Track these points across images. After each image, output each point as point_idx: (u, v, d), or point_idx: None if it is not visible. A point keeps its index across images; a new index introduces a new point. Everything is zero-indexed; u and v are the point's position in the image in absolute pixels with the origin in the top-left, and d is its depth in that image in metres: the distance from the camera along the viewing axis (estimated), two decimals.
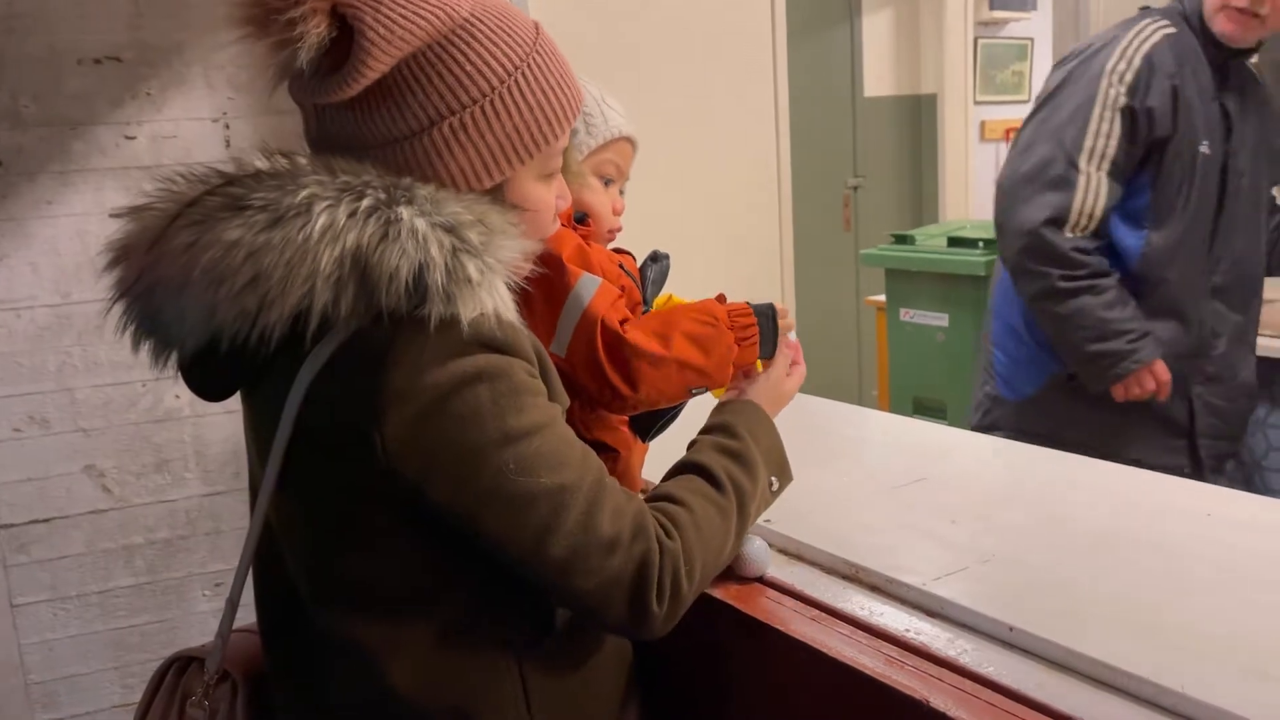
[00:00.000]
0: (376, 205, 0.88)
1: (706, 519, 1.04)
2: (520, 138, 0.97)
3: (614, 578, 0.94)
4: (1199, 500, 1.41)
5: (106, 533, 2.14)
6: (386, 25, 0.89)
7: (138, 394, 2.09)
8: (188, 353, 0.97)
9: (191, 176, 0.97)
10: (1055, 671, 1.01)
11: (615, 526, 0.95)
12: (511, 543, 0.93)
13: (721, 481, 1.08)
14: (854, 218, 5.14)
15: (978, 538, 1.32)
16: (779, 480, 1.19)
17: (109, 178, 2.00)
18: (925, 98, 5.25)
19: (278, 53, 0.89)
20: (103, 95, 1.99)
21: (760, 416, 1.20)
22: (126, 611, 2.17)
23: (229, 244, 0.87)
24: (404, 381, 0.89)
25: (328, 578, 1.00)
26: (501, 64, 0.95)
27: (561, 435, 0.96)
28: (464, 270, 0.89)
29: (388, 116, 0.92)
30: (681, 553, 0.98)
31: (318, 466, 0.95)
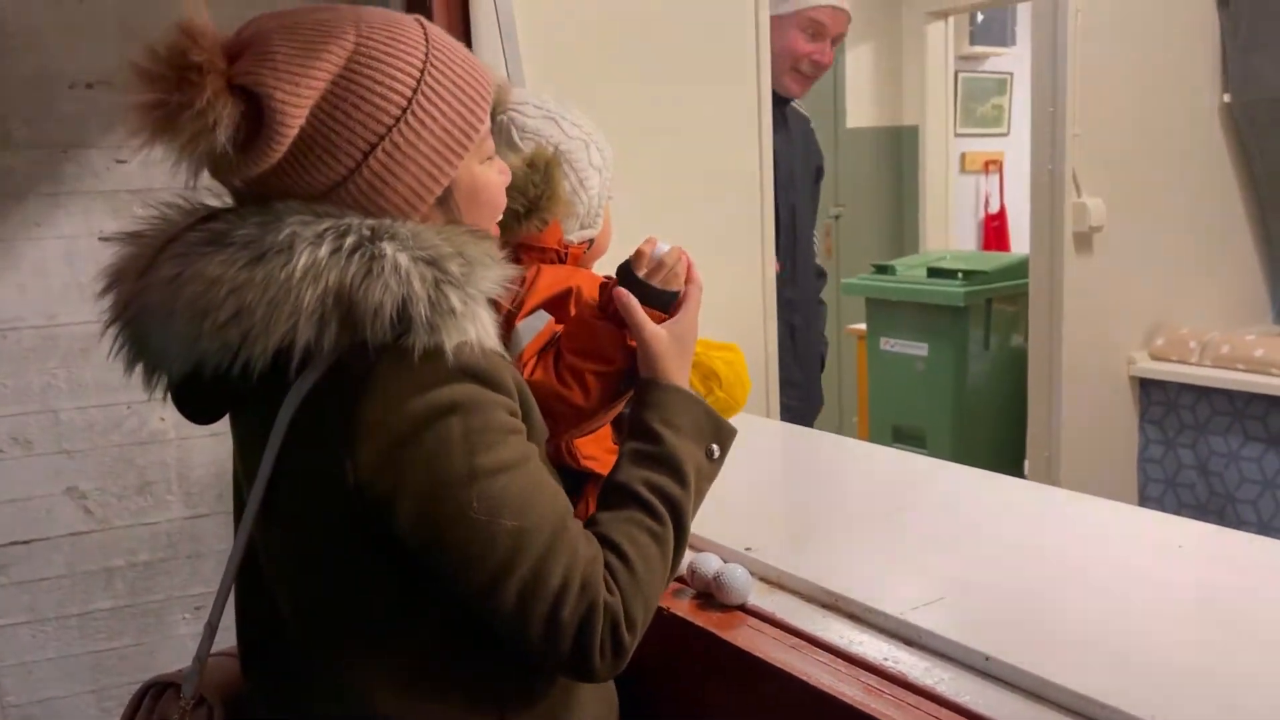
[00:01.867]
0: (360, 243, 0.90)
1: (644, 561, 1.01)
2: (451, 133, 0.97)
3: (559, 628, 0.94)
4: (1171, 532, 1.44)
5: (87, 555, 2.13)
6: (290, 81, 0.90)
7: (122, 416, 2.09)
8: (175, 378, 0.99)
9: (185, 206, 0.99)
10: (1030, 701, 1.03)
11: (565, 577, 0.94)
12: (466, 578, 0.94)
13: (653, 505, 1.04)
14: (835, 246, 5.19)
15: (955, 567, 1.34)
16: (719, 445, 1.12)
17: (99, 201, 2.01)
18: (907, 129, 5.31)
19: (194, 144, 0.88)
20: (94, 119, 2.00)
21: (670, 397, 1.12)
22: (106, 634, 2.16)
23: (211, 279, 0.89)
24: (380, 410, 0.91)
25: (310, 603, 1.01)
26: (407, 71, 0.94)
27: (531, 477, 0.96)
28: (447, 301, 0.90)
29: (321, 164, 0.93)
30: (622, 608, 0.96)
31: (300, 494, 0.97)
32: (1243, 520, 2.72)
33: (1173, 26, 2.84)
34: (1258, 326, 3.05)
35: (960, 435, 3.48)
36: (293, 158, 0.92)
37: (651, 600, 1.01)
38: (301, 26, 0.93)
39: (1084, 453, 2.81)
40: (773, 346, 2.44)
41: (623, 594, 0.97)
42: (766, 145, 2.36)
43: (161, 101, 0.87)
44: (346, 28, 0.94)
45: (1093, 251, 2.75)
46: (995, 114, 5.69)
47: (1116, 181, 2.73)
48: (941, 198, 5.37)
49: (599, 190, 1.40)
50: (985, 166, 5.64)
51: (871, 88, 5.20)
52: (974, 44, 5.41)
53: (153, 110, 0.87)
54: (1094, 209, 2.68)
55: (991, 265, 3.45)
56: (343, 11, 0.96)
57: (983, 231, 5.69)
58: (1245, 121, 2.94)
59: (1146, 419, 2.94)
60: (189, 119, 0.86)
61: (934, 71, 5.23)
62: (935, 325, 3.48)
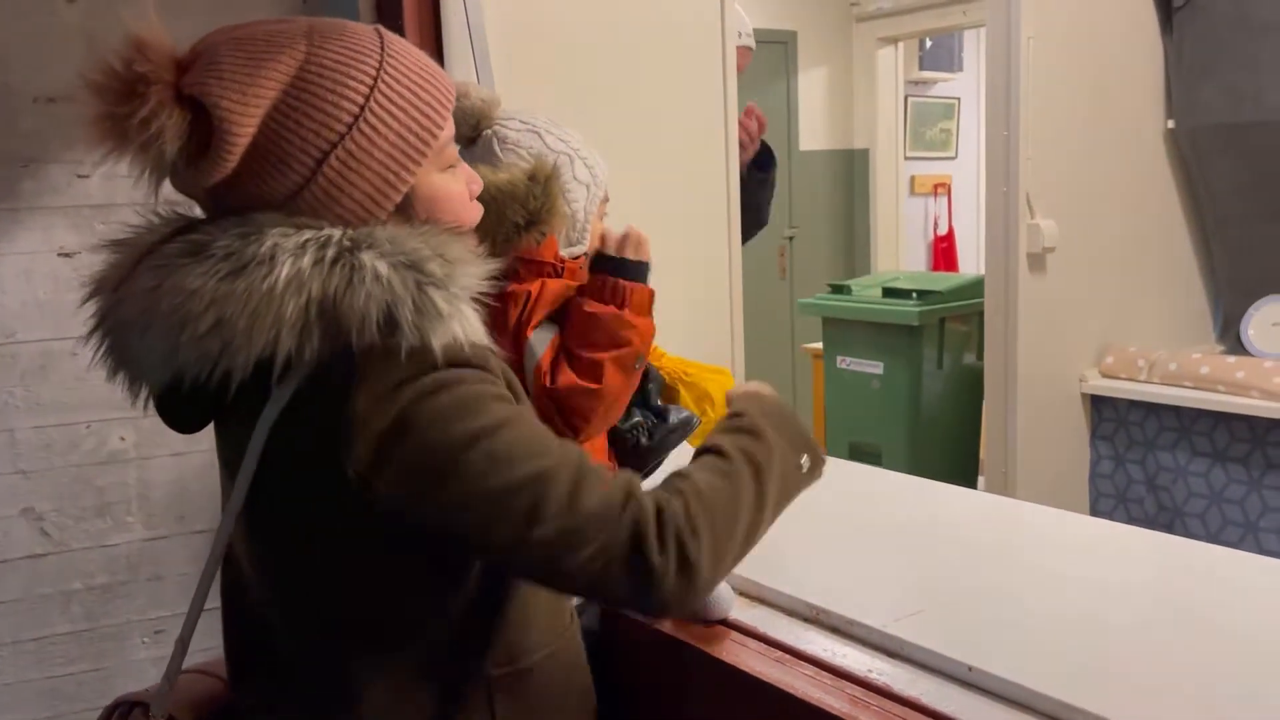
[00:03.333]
0: (340, 254, 0.90)
1: (711, 487, 0.98)
2: (406, 141, 0.97)
3: (607, 544, 0.91)
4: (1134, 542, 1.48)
5: (44, 578, 2.07)
6: (237, 91, 0.90)
7: (81, 435, 2.05)
8: (156, 388, 0.99)
9: (168, 216, 0.99)
10: (1014, 710, 1.05)
11: (604, 501, 0.92)
12: (498, 537, 0.92)
13: (726, 450, 1.03)
14: (789, 267, 5.25)
15: (934, 579, 1.36)
16: (810, 458, 1.12)
17: (59, 216, 1.97)
18: (858, 152, 5.41)
19: (145, 155, 0.89)
20: (55, 134, 1.96)
21: (769, 399, 1.16)
22: (63, 660, 2.10)
23: (190, 291, 0.89)
24: (368, 404, 0.91)
25: (303, 609, 1.01)
26: (360, 80, 0.95)
27: (530, 427, 0.96)
28: (433, 304, 0.91)
29: (275, 174, 0.93)
30: (684, 511, 0.93)
31: (290, 500, 0.97)
32: (1191, 533, 2.79)
33: (1120, 53, 2.93)
34: (1203, 345, 3.14)
35: (915, 452, 3.54)
36: (247, 168, 0.92)
37: (719, 521, 0.96)
38: (252, 38, 0.94)
39: (1038, 469, 2.86)
40: (740, 359, 2.46)
41: (686, 499, 0.94)
42: (733, 154, 2.39)
43: (109, 113, 0.88)
44: (298, 39, 0.95)
45: (1046, 272, 2.81)
46: (944, 138, 5.81)
47: (1068, 204, 2.80)
48: (892, 219, 5.47)
49: (584, 205, 1.40)
50: (934, 189, 5.76)
51: (824, 112, 5.29)
52: (923, 69, 5.54)
53: (102, 122, 0.88)
54: (1047, 230, 2.75)
55: (945, 285, 3.52)
56: (296, 23, 0.97)
57: (932, 252, 5.81)
58: (1189, 147, 3.04)
59: (1097, 435, 3.00)
60: (135, 129, 0.87)
61: (884, 96, 5.34)
62: (890, 344, 3.54)
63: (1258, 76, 2.83)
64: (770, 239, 5.12)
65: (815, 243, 5.33)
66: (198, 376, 0.90)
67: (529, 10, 2.04)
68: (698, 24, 2.31)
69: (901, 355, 3.52)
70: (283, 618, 1.02)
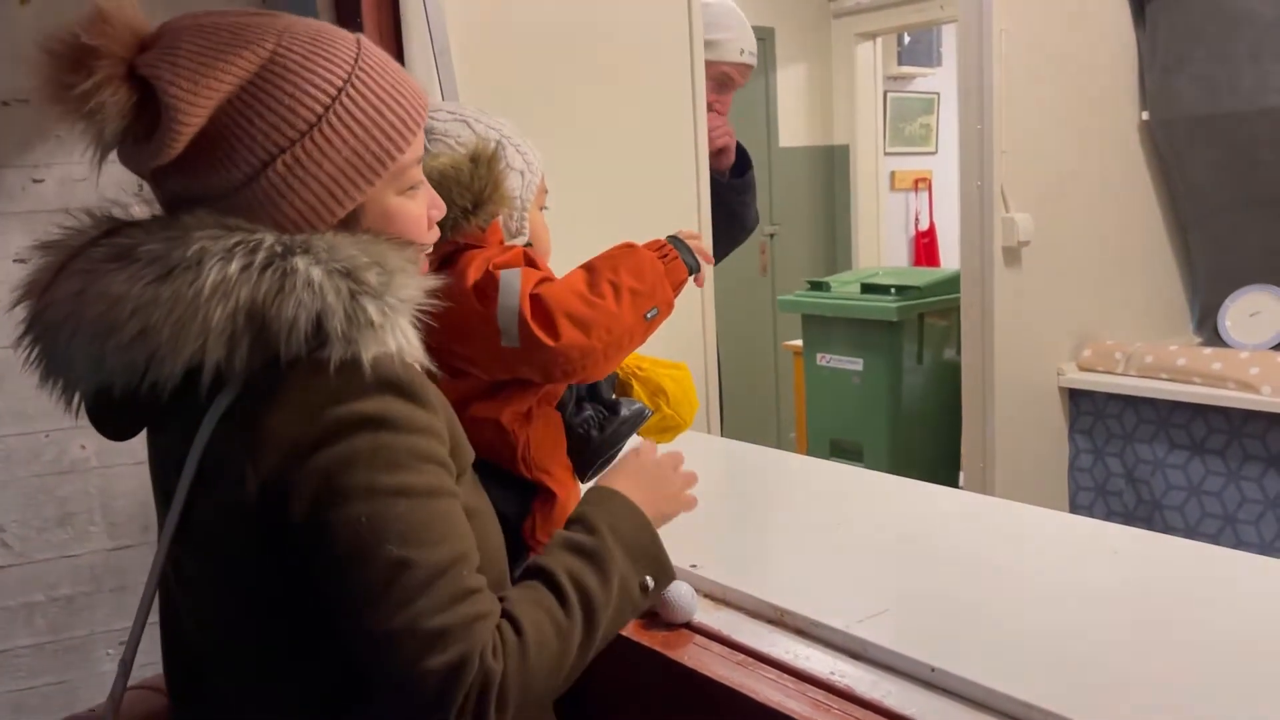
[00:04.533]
0: (271, 259, 0.88)
1: (540, 646, 0.93)
2: (361, 159, 0.94)
3: (422, 675, 0.85)
4: (1106, 538, 1.47)
5: (6, 590, 2.04)
6: (189, 78, 0.87)
7: (41, 445, 2.02)
8: (87, 395, 0.96)
9: (96, 215, 0.96)
10: (976, 711, 1.04)
11: (443, 621, 0.87)
12: (337, 601, 0.89)
13: (566, 593, 0.98)
14: (770, 264, 5.24)
15: (900, 579, 1.35)
16: (655, 579, 1.08)
17: (15, 221, 1.94)
18: (838, 148, 5.39)
19: (85, 127, 0.87)
20: (9, 138, 1.93)
21: (623, 506, 1.10)
22: (26, 673, 2.07)
23: (115, 297, 0.87)
24: (288, 421, 0.88)
25: (220, 633, 0.98)
26: (322, 89, 0.92)
27: (431, 509, 0.90)
28: (365, 314, 0.88)
29: (219, 167, 0.90)
30: (499, 678, 0.88)
31: (209, 517, 0.93)
32: (1170, 526, 2.79)
33: (1092, 46, 2.92)
34: (1179, 337, 3.14)
35: (896, 448, 3.53)
36: (191, 156, 0.89)
37: (534, 686, 0.92)
38: (219, 27, 0.91)
39: (1017, 463, 2.85)
40: (713, 364, 2.44)
41: (505, 665, 0.89)
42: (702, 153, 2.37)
43: (55, 79, 0.85)
44: (267, 35, 0.92)
45: (1021, 266, 2.80)
46: (923, 133, 5.81)
47: (1043, 197, 2.79)
48: (873, 215, 5.46)
49: (521, 192, 1.37)
50: (915, 184, 5.75)
51: (803, 108, 5.27)
52: (902, 64, 5.52)
53: (47, 87, 0.86)
54: (1022, 224, 2.74)
55: (923, 280, 3.51)
56: (272, 19, 0.94)
57: (914, 248, 5.80)
58: (1163, 139, 3.03)
59: (1076, 429, 3.00)
60: (75, 100, 0.85)
61: (864, 92, 5.33)
62: (870, 340, 3.52)
63: (1231, 67, 2.82)
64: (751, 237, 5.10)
65: (797, 240, 5.31)
66: (127, 385, 0.87)
67: (490, 8, 2.01)
68: (663, 24, 2.29)
69: (881, 351, 3.51)
70: (200, 638, 1.00)
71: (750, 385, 4.94)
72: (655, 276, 1.29)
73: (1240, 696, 1.02)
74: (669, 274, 1.31)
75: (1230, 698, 1.02)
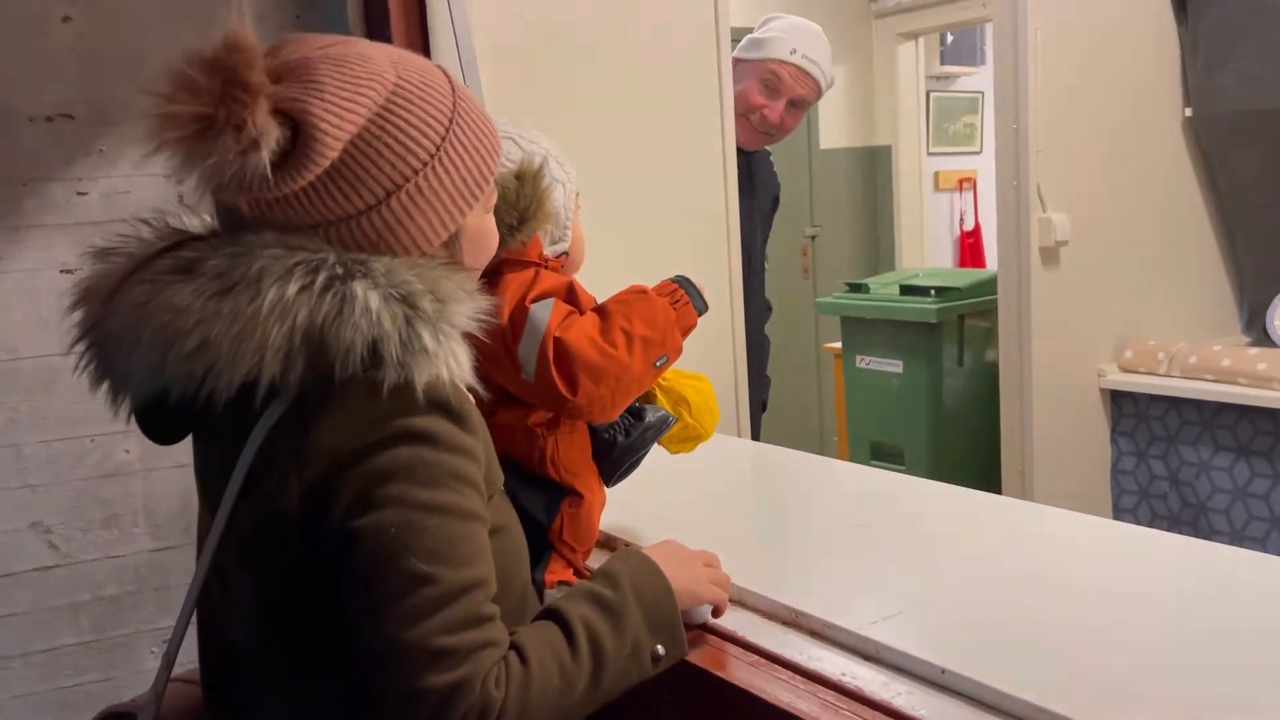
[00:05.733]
0: (331, 281, 0.89)
1: (543, 683, 0.93)
2: (467, 185, 0.98)
3: (422, 692, 0.87)
4: (1136, 544, 1.45)
5: (53, 590, 2.10)
6: (335, 113, 0.90)
7: (86, 449, 2.08)
8: (138, 401, 0.99)
9: (158, 225, 1.00)
10: (986, 713, 1.03)
11: (451, 643, 0.88)
12: (356, 600, 0.91)
13: (578, 639, 0.98)
14: (812, 266, 5.21)
15: (915, 581, 1.34)
16: (666, 649, 1.06)
17: (60, 234, 2.00)
18: (880, 149, 5.36)
19: (225, 163, 0.87)
20: (55, 152, 2.00)
21: (650, 571, 1.10)
22: (72, 670, 2.13)
23: (178, 309, 0.89)
24: (337, 434, 0.90)
25: (260, 637, 1.01)
26: (438, 120, 0.96)
27: (460, 531, 0.92)
28: (420, 340, 0.90)
29: (340, 196, 0.93)
30: (498, 708, 0.89)
31: (254, 523, 0.96)
32: (1215, 530, 2.73)
33: (1131, 42, 2.88)
34: (1226, 338, 3.08)
35: (937, 451, 3.49)
36: (314, 186, 0.92)
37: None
38: (348, 59, 0.93)
39: (1057, 466, 2.82)
40: (742, 368, 2.44)
41: (507, 695, 0.89)
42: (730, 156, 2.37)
43: (204, 115, 0.86)
44: (386, 65, 0.95)
45: (1060, 266, 2.77)
46: (968, 132, 5.74)
47: (1081, 196, 2.75)
48: (916, 216, 5.41)
49: (564, 203, 1.41)
50: (959, 184, 5.69)
51: (844, 109, 5.25)
52: (945, 63, 5.47)
53: (191, 122, 0.86)
54: (1059, 224, 2.71)
55: (964, 282, 3.47)
56: (379, 49, 0.97)
57: (958, 249, 5.74)
58: (1207, 135, 2.98)
59: (1118, 431, 2.95)
60: (230, 137, 0.85)
61: (905, 92, 5.29)
62: (909, 342, 3.49)
63: (1275, 62, 2.77)
64: (792, 238, 5.09)
65: (838, 241, 5.28)
66: (183, 393, 0.90)
67: (515, 11, 2.04)
68: (691, 24, 2.29)
69: (921, 354, 3.47)
70: (244, 639, 1.02)
71: (792, 389, 4.92)
72: (666, 324, 1.31)
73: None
74: (679, 320, 1.33)
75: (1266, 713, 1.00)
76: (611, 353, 1.25)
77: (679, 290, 1.35)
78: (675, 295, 1.34)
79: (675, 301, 1.33)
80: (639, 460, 1.42)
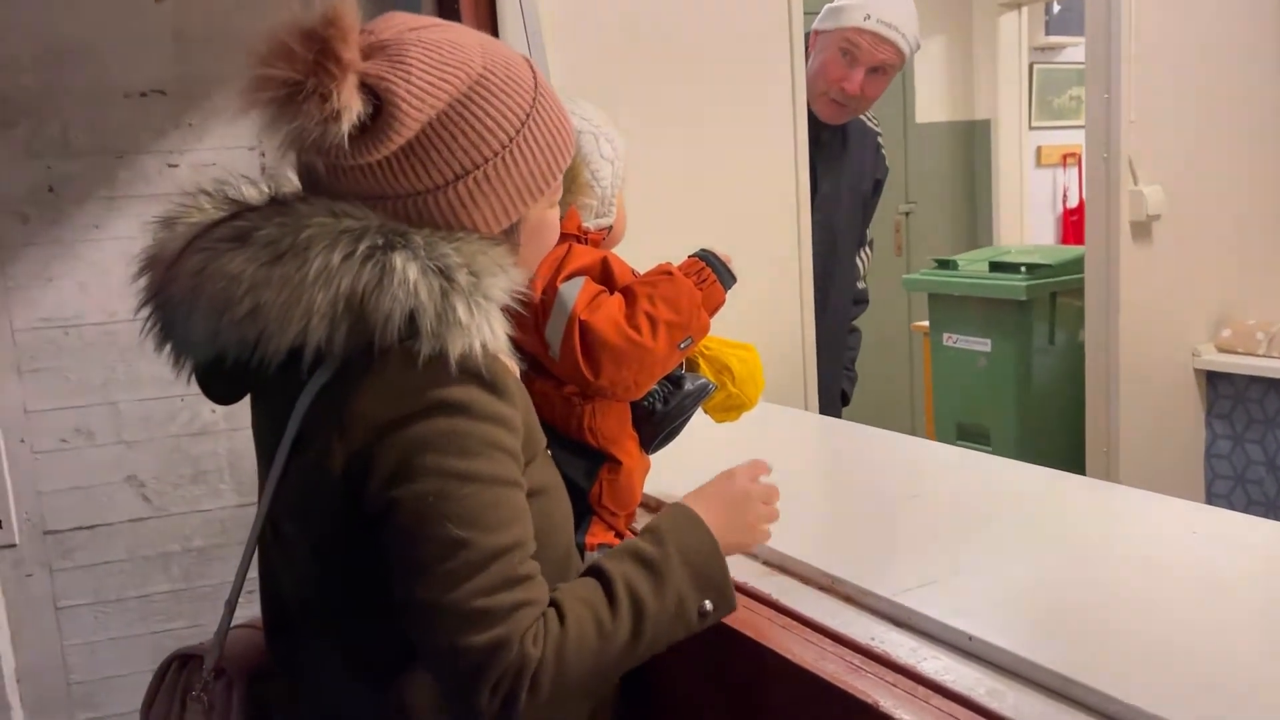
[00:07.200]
0: (373, 251, 0.93)
1: (579, 640, 0.96)
2: (535, 179, 1.01)
3: (461, 651, 0.91)
4: (1186, 517, 1.40)
5: (146, 540, 2.24)
6: (417, 94, 0.93)
7: (176, 409, 2.19)
8: (199, 363, 1.04)
9: (216, 195, 1.05)
10: (1007, 679, 1.02)
11: (487, 604, 0.91)
12: (399, 564, 0.94)
13: (617, 595, 1.00)
14: (905, 243, 5.12)
15: (956, 552, 1.33)
16: (714, 604, 1.07)
17: (152, 204, 2.07)
18: (979, 123, 5.22)
19: (302, 125, 0.90)
20: (147, 126, 2.11)
21: (695, 527, 1.10)
22: (163, 616, 2.27)
23: (232, 276, 0.93)
24: (377, 401, 0.94)
25: (310, 587, 1.06)
26: (516, 113, 0.99)
27: (495, 496, 0.95)
28: (454, 313, 0.93)
29: (410, 173, 0.96)
30: (534, 664, 0.92)
31: (305, 483, 1.01)
32: None
33: (1229, 7, 2.74)
34: None
35: (1025, 433, 3.40)
36: (388, 160, 0.95)
37: (568, 681, 0.95)
38: (439, 44, 0.96)
39: (1146, 449, 2.72)
40: (810, 344, 2.42)
41: (544, 653, 0.92)
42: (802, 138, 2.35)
43: (293, 81, 0.89)
44: (475, 53, 0.98)
45: (1152, 241, 2.67)
46: (1074, 105, 5.53)
47: (1176, 168, 2.64)
48: (1016, 192, 5.26)
49: (610, 181, 1.43)
50: (1063, 159, 5.50)
51: (942, 82, 5.12)
52: (1050, 34, 5.28)
53: (281, 85, 0.89)
54: (1151, 197, 2.61)
55: (1056, 259, 3.37)
56: (473, 36, 1.00)
57: (1060, 226, 5.55)
58: None
59: (1213, 414, 2.83)
60: (315, 105, 0.89)
61: (1007, 64, 5.13)
62: (998, 320, 3.41)
63: None
64: (884, 215, 5.00)
65: (933, 218, 5.17)
66: (239, 356, 0.94)
67: None
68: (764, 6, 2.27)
69: (1010, 332, 3.38)
70: (296, 594, 1.08)
71: (882, 368, 4.85)
72: (691, 306, 1.30)
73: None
74: (706, 300, 1.32)
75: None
76: (634, 337, 1.26)
77: (706, 269, 1.34)
78: (702, 274, 1.33)
79: (702, 280, 1.32)
80: (679, 427, 1.42)
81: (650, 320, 1.27)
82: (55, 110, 2.12)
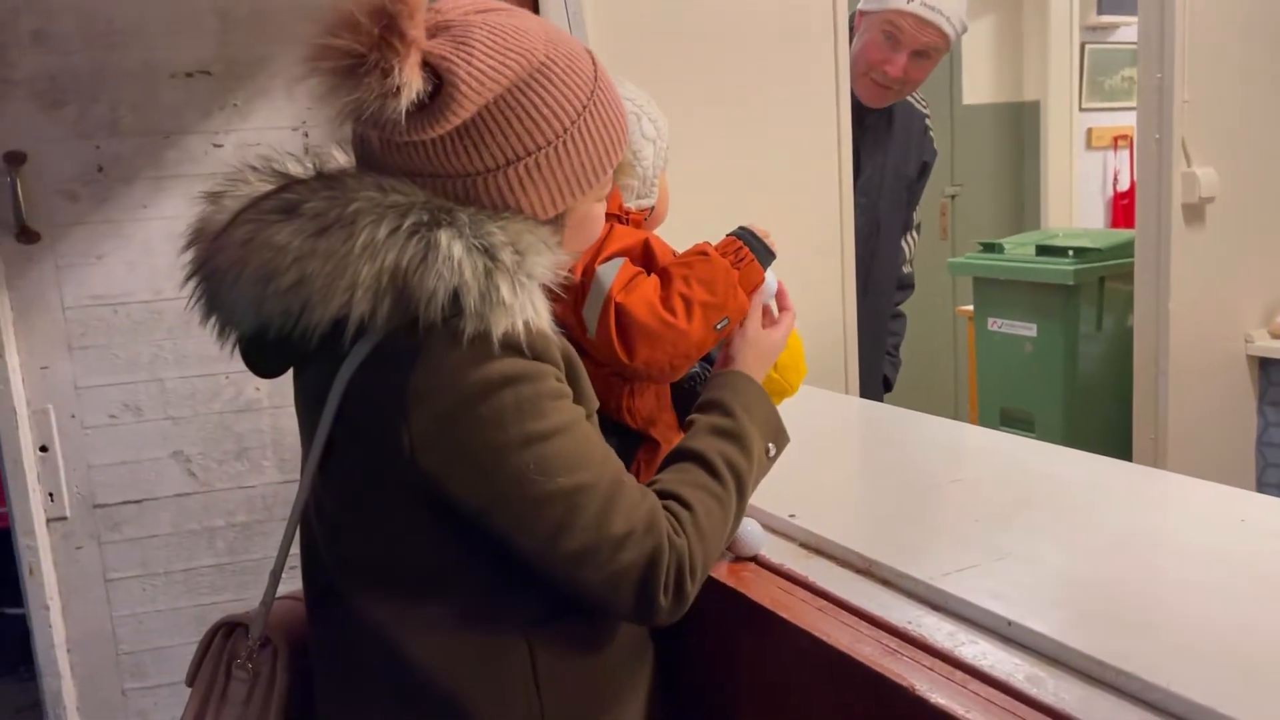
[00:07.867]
0: (418, 227, 0.93)
1: (708, 516, 1.07)
2: (586, 171, 1.02)
3: (623, 571, 0.99)
4: (1235, 506, 1.37)
5: (191, 515, 2.28)
6: (478, 76, 0.94)
7: (221, 386, 2.23)
8: (243, 335, 1.06)
9: (263, 169, 1.06)
10: (1046, 665, 1.01)
11: (628, 524, 0.99)
12: (527, 537, 0.98)
13: (720, 470, 1.11)
14: (951, 227, 5.05)
15: (996, 536, 1.31)
16: (775, 445, 1.21)
17: (198, 183, 2.08)
18: (1027, 104, 5.13)
19: (364, 101, 0.90)
20: (193, 106, 2.14)
21: (749, 387, 1.22)
22: (209, 589, 2.31)
23: (278, 247, 0.94)
24: (433, 382, 0.95)
25: (354, 560, 1.07)
26: (573, 104, 0.99)
27: (582, 437, 1.01)
28: (498, 292, 0.93)
29: (463, 154, 0.97)
30: (687, 551, 1.02)
31: (351, 455, 1.02)
32: None
33: None
34: None
35: (1071, 419, 3.35)
36: (443, 139, 0.96)
37: (711, 554, 1.07)
38: (503, 27, 0.97)
39: (1195, 436, 2.67)
40: (852, 328, 2.40)
41: (688, 538, 1.03)
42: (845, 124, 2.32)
43: (355, 53, 0.90)
44: (538, 40, 0.99)
45: (1204, 224, 2.61)
46: (1126, 87, 5.42)
47: (1230, 150, 2.58)
48: (1065, 175, 5.16)
49: (653, 161, 1.42)
50: (1114, 142, 5.39)
51: (990, 63, 5.04)
52: (1102, 13, 5.17)
53: (343, 57, 0.90)
54: (1204, 179, 2.55)
55: (1105, 243, 3.31)
56: (538, 23, 1.01)
57: (1111, 210, 5.45)
58: None
59: (1266, 401, 2.77)
60: (376, 79, 0.89)
61: (1058, 44, 5.03)
62: (1044, 305, 3.35)
63: None
64: (930, 198, 4.92)
65: (980, 201, 5.10)
66: (282, 327, 0.96)
67: None
68: None
69: (1056, 317, 3.33)
70: (335, 563, 1.09)
71: (926, 353, 4.80)
72: (728, 287, 1.28)
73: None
74: (743, 280, 1.29)
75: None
76: (670, 319, 1.25)
77: (743, 248, 1.31)
78: (740, 254, 1.31)
79: (739, 260, 1.30)
80: None
81: (685, 302, 1.27)
82: (104, 91, 2.15)
